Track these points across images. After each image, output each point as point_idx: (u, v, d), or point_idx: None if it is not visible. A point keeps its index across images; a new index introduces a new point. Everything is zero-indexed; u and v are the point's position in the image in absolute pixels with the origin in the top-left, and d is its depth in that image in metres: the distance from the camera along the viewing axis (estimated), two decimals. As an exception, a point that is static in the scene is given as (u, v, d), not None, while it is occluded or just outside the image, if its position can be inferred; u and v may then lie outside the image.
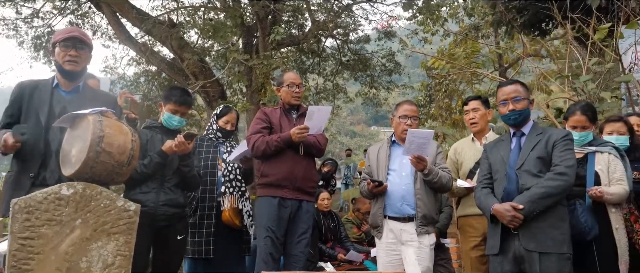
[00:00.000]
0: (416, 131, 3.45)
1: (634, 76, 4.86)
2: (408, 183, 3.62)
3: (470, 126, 3.99)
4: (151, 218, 3.35)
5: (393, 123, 3.88)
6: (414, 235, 3.53)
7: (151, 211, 3.38)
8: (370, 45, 14.83)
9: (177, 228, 3.54)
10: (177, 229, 3.54)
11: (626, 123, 3.64)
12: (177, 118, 3.64)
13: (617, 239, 3.16)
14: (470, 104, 4.01)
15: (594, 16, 4.97)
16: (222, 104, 4.56)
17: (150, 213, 3.35)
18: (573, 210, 3.14)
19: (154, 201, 3.42)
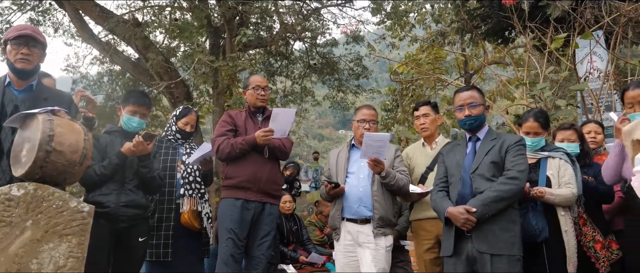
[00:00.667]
0: (373, 134, 3.53)
1: (588, 85, 5.03)
2: (365, 185, 3.69)
3: (420, 131, 4.05)
4: (112, 220, 3.32)
5: (353, 126, 3.93)
6: (371, 236, 3.59)
7: (112, 212, 3.35)
8: (338, 49, 14.90)
9: (139, 230, 3.51)
10: (139, 231, 3.51)
11: (577, 131, 3.76)
12: (137, 119, 3.62)
13: (566, 241, 3.26)
14: (421, 109, 4.06)
15: (552, 26, 5.13)
16: (182, 106, 4.54)
17: (111, 214, 3.32)
18: (525, 213, 3.23)
19: (115, 202, 3.39)
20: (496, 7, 7.03)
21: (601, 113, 4.85)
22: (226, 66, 9.41)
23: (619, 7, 4.90)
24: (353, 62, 14.61)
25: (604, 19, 4.90)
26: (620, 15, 4.86)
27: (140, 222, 3.53)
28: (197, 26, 11.12)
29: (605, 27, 4.98)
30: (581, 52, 5.45)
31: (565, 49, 5.15)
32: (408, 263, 4.98)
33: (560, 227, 3.30)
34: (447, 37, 13.15)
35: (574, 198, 3.35)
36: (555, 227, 3.28)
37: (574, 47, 4.90)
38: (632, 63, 5.10)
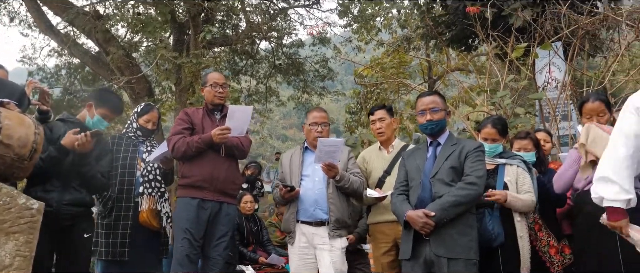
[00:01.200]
0: (326, 140, 3.55)
1: (546, 94, 5.17)
2: (321, 187, 3.70)
3: (377, 135, 4.05)
4: (53, 218, 3.19)
5: (305, 129, 3.92)
6: (326, 238, 3.61)
7: (54, 210, 3.22)
8: (304, 50, 14.89)
9: (83, 227, 3.42)
10: (83, 227, 3.42)
11: (532, 140, 3.85)
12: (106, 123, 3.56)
13: (521, 246, 3.33)
14: (377, 113, 4.05)
15: (513, 36, 5.25)
16: (144, 103, 4.43)
17: (53, 212, 3.19)
18: (482, 217, 3.28)
19: (57, 200, 3.29)
20: (460, 14, 7.16)
21: (558, 121, 5.00)
22: (190, 62, 9.26)
23: (578, 19, 5.06)
24: (319, 64, 14.61)
25: (563, 31, 5.04)
26: (579, 27, 5.01)
27: (83, 219, 3.45)
28: (161, 21, 10.91)
29: (564, 38, 5.13)
30: (540, 62, 5.60)
31: (526, 58, 5.28)
32: (367, 265, 5.01)
33: (515, 232, 3.36)
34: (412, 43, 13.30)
35: (533, 205, 3.42)
36: (511, 232, 3.34)
37: (533, 57, 5.02)
38: (588, 75, 5.27)
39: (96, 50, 11.99)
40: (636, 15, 4.77)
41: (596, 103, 3.31)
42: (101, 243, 3.81)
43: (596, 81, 5.03)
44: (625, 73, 5.29)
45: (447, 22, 7.88)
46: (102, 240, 3.82)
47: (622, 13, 4.96)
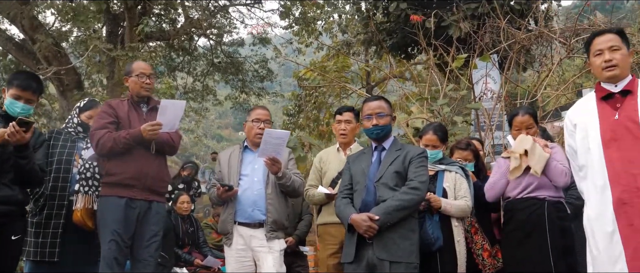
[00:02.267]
0: (273, 131, 3.49)
1: (482, 105, 5.37)
2: (260, 188, 3.63)
3: (338, 136, 4.05)
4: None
5: (245, 128, 3.85)
6: (264, 241, 3.54)
7: None
8: (244, 49, 14.71)
9: (13, 228, 3.12)
10: (13, 228, 3.12)
11: (473, 151, 3.98)
12: (20, 104, 3.22)
13: (458, 251, 3.42)
14: (345, 115, 4.04)
15: (454, 46, 5.42)
16: (87, 98, 4.16)
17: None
18: (422, 222, 3.34)
19: None
20: (402, 22, 7.32)
21: (493, 131, 5.20)
22: (125, 55, 8.88)
23: (515, 34, 5.29)
24: (258, 64, 14.48)
25: (501, 44, 5.26)
26: (516, 42, 5.24)
27: (14, 219, 3.15)
28: (94, 11, 10.39)
29: (501, 51, 5.36)
30: (477, 74, 5.81)
31: (465, 68, 5.46)
32: (306, 268, 4.99)
33: (453, 236, 3.45)
34: (352, 48, 13.49)
35: (469, 210, 3.53)
36: (449, 236, 3.43)
37: (473, 68, 5.20)
38: (522, 88, 5.52)
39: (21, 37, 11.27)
40: (568, 34, 5.07)
41: (525, 116, 3.49)
42: (30, 243, 3.58)
43: (529, 94, 5.28)
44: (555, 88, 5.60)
45: (388, 29, 8.03)
46: (32, 239, 3.58)
47: (556, 31, 5.25)
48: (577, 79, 6.01)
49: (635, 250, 2.48)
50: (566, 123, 2.92)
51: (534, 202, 3.35)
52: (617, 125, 2.62)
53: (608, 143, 2.62)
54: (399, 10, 7.44)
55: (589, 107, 2.78)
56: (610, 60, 2.67)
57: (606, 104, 2.71)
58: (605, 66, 2.68)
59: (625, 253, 2.50)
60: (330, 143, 10.29)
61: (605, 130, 2.65)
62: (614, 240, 2.55)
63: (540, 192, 3.34)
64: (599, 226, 2.62)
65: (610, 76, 2.68)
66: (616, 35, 2.74)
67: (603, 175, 2.62)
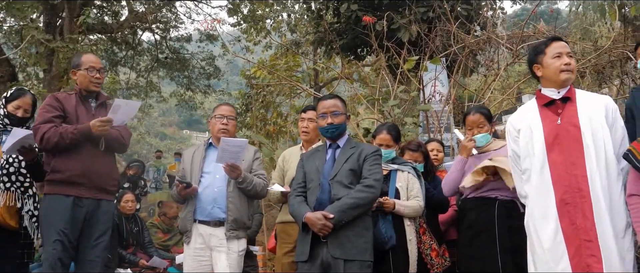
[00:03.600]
0: (230, 139, 3.43)
1: (432, 107, 5.49)
2: (221, 185, 3.56)
3: (301, 134, 4.06)
4: None
5: (210, 124, 3.78)
6: (223, 240, 3.47)
7: None
8: (191, 45, 14.41)
9: None
10: None
11: (423, 152, 4.06)
12: None
13: (410, 249, 3.46)
14: (308, 113, 4.05)
15: (405, 48, 5.52)
16: (15, 87, 3.93)
17: None
18: (376, 222, 3.36)
19: None
20: (352, 23, 7.38)
21: (441, 132, 5.33)
22: (65, 47, 8.47)
23: (464, 39, 5.45)
24: (205, 61, 14.23)
25: (451, 48, 5.40)
26: (465, 46, 5.40)
27: None
28: (31, 0, 9.85)
29: (451, 55, 5.50)
30: (426, 76, 5.93)
31: (415, 71, 5.57)
32: (256, 268, 4.94)
33: (405, 236, 3.48)
34: (301, 48, 13.48)
35: (421, 210, 3.57)
36: (402, 236, 3.46)
37: (423, 70, 5.31)
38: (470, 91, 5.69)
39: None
40: (514, 40, 5.27)
41: (476, 115, 3.59)
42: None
43: (477, 98, 5.46)
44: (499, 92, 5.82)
45: (338, 29, 8.07)
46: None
47: (504, 36, 5.46)
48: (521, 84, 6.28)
49: (578, 248, 2.61)
50: (509, 129, 3.05)
51: (485, 202, 3.43)
52: (560, 129, 2.77)
53: (551, 147, 2.77)
54: (349, 12, 7.49)
55: (532, 113, 2.93)
56: (569, 63, 2.80)
57: (548, 110, 2.86)
58: (565, 68, 2.79)
59: (568, 251, 2.64)
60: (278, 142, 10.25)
61: (549, 134, 2.79)
62: (557, 239, 2.68)
63: (492, 192, 3.43)
64: (543, 226, 2.75)
65: (566, 78, 2.81)
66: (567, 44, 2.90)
67: (547, 176, 2.76)
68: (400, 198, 3.52)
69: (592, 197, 2.63)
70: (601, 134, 2.70)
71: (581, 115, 2.76)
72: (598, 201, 2.62)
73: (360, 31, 6.60)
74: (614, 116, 2.77)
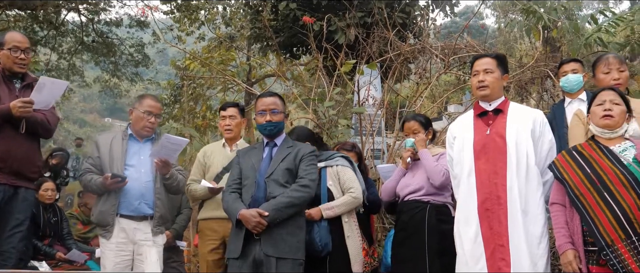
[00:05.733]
0: (172, 137, 3.41)
1: (365, 110, 5.62)
2: (148, 180, 3.49)
3: (224, 132, 4.00)
4: None
5: (132, 115, 3.64)
6: (149, 234, 3.42)
7: None
8: (119, 30, 13.81)
9: None
10: None
11: (357, 153, 4.14)
12: None
13: (349, 246, 3.49)
14: (229, 110, 4.01)
15: (343, 51, 5.61)
16: None
17: None
18: (310, 229, 3.38)
19: None
20: (290, 22, 7.39)
21: (373, 135, 5.47)
22: (-20, 22, 7.86)
23: (400, 46, 5.63)
24: (134, 48, 13.69)
25: (387, 54, 5.55)
26: (400, 53, 5.58)
27: None
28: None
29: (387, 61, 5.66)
30: (361, 80, 6.05)
31: (351, 74, 5.67)
32: (182, 264, 4.84)
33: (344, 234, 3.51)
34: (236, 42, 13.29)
35: (358, 201, 3.59)
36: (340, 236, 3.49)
37: (359, 74, 5.43)
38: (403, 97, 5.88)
39: None
40: (447, 51, 5.52)
41: (411, 122, 3.80)
42: None
43: (408, 104, 5.65)
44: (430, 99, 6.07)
45: (275, 27, 8.04)
46: None
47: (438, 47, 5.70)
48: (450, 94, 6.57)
49: (494, 251, 2.82)
50: (448, 136, 3.26)
51: (418, 205, 3.55)
52: (488, 139, 2.97)
53: (478, 155, 2.97)
54: (288, 10, 7.50)
55: (467, 122, 3.14)
56: (483, 81, 3.02)
57: (481, 121, 3.06)
58: (479, 86, 3.03)
59: (485, 253, 2.84)
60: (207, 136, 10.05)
61: (478, 143, 2.99)
62: (477, 242, 2.88)
63: (425, 196, 3.56)
64: (466, 230, 2.95)
65: (481, 95, 3.04)
66: (493, 59, 3.10)
67: (472, 183, 2.95)
68: (334, 197, 3.54)
69: (509, 205, 2.83)
70: (525, 146, 2.91)
71: (509, 127, 2.95)
72: (514, 209, 2.82)
73: (298, 30, 6.62)
74: (542, 130, 2.98)
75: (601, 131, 2.73)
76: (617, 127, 2.70)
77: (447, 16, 9.59)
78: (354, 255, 3.50)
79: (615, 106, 2.71)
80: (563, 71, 3.86)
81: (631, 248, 2.44)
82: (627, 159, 2.60)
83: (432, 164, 3.53)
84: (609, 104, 2.72)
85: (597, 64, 3.42)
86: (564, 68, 3.87)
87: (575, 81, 3.76)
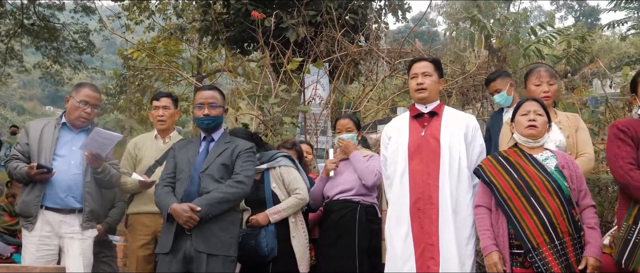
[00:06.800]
0: (103, 131, 3.28)
1: (311, 109, 5.61)
2: (77, 173, 3.33)
3: (157, 123, 3.90)
4: None
5: (68, 103, 3.47)
6: (76, 228, 3.28)
7: None
8: (63, 15, 13.26)
9: None
10: None
11: (297, 151, 4.12)
12: None
13: (295, 246, 3.47)
14: (162, 100, 3.91)
15: (291, 49, 5.57)
16: None
17: None
18: (257, 234, 3.36)
19: None
20: (242, 16, 7.28)
21: (317, 135, 5.46)
22: None
23: (347, 47, 5.65)
24: (78, 34, 13.19)
25: (335, 54, 5.56)
26: (347, 54, 5.60)
27: None
28: None
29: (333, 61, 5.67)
30: (308, 79, 6.04)
31: (298, 72, 5.65)
32: (114, 259, 4.67)
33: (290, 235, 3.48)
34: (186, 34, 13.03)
35: (304, 202, 3.57)
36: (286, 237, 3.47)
37: (306, 72, 5.41)
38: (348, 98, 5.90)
39: None
40: (393, 54, 5.58)
41: (345, 120, 3.82)
42: None
43: (354, 105, 5.68)
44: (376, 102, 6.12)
45: (227, 21, 7.91)
46: None
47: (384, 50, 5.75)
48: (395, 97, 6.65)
49: (423, 251, 2.88)
50: (383, 136, 3.30)
51: (348, 205, 3.56)
52: (422, 141, 3.03)
53: (413, 156, 3.02)
54: (239, 4, 7.39)
55: (403, 123, 3.18)
56: (421, 83, 3.08)
57: (416, 122, 3.12)
58: (417, 88, 3.09)
59: (415, 252, 2.89)
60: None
61: (412, 144, 3.04)
62: (407, 241, 2.93)
63: (355, 196, 3.58)
64: (397, 229, 2.99)
65: (419, 97, 3.10)
66: (431, 63, 3.18)
67: (405, 183, 2.99)
68: (279, 199, 3.50)
69: (440, 205, 2.89)
70: (458, 149, 2.98)
71: (443, 130, 3.03)
72: (445, 209, 2.88)
73: (248, 25, 6.53)
74: (474, 134, 3.07)
75: (525, 141, 2.84)
76: (540, 137, 2.82)
77: (398, 20, 9.72)
78: (300, 255, 3.48)
79: (539, 117, 2.82)
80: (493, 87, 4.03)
81: (554, 251, 2.53)
82: (549, 168, 2.71)
83: (363, 165, 3.57)
84: (533, 115, 2.82)
85: (529, 76, 3.55)
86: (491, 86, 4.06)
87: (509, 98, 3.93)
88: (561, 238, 2.55)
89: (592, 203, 2.71)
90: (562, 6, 34.61)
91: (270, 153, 3.72)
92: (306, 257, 3.52)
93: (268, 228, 3.40)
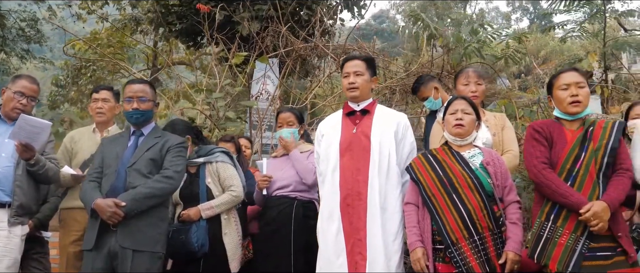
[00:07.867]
0: (31, 118, 3.17)
1: (257, 104, 5.57)
2: (8, 165, 3.22)
3: (95, 115, 3.81)
4: None
5: (4, 95, 3.37)
6: (4, 223, 3.15)
7: None
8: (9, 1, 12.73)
9: None
10: None
11: (236, 144, 4.09)
12: None
13: (227, 242, 3.43)
14: (102, 93, 3.82)
15: (237, 42, 5.51)
16: None
17: None
18: (188, 229, 3.30)
19: None
20: (193, 9, 7.16)
21: (263, 130, 5.43)
22: None
23: (294, 42, 5.63)
24: (26, 23, 12.67)
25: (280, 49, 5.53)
26: (294, 50, 5.58)
27: None
28: None
29: (279, 56, 5.64)
30: (257, 73, 5.99)
31: (245, 66, 5.59)
32: (46, 255, 4.48)
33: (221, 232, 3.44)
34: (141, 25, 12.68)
35: (239, 199, 3.53)
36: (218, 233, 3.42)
37: (252, 67, 5.37)
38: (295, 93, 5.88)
39: None
40: (339, 51, 5.60)
41: (287, 113, 3.80)
42: None
43: (300, 100, 5.67)
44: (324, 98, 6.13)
45: (179, 13, 7.78)
46: None
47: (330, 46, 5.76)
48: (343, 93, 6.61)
49: (353, 246, 2.91)
50: (317, 133, 3.32)
51: (285, 201, 3.55)
52: (354, 138, 3.07)
53: (344, 152, 3.06)
54: (191, -4, 7.26)
55: (336, 121, 3.21)
56: (353, 83, 3.11)
57: (349, 120, 3.16)
58: (349, 87, 3.12)
59: (346, 248, 2.92)
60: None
61: (344, 141, 3.08)
62: (338, 237, 2.95)
63: (292, 192, 3.57)
64: (328, 225, 3.01)
65: (351, 96, 3.14)
66: (363, 62, 3.21)
67: (336, 179, 3.02)
68: (213, 195, 3.46)
69: (369, 201, 2.92)
70: (388, 147, 3.02)
71: (374, 127, 3.07)
72: (373, 205, 2.92)
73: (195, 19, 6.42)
74: (404, 133, 3.12)
75: (453, 139, 2.90)
76: (467, 135, 2.89)
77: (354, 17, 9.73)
78: (232, 253, 3.44)
79: (466, 116, 2.89)
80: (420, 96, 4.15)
81: (473, 246, 2.59)
82: (474, 165, 2.77)
83: (303, 164, 3.57)
84: (461, 114, 2.89)
85: (458, 76, 3.64)
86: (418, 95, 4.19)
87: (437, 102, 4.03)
88: (481, 233, 2.61)
89: (516, 199, 2.78)
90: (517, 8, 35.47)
91: (208, 147, 3.66)
92: (238, 254, 3.49)
93: (199, 224, 3.35)
